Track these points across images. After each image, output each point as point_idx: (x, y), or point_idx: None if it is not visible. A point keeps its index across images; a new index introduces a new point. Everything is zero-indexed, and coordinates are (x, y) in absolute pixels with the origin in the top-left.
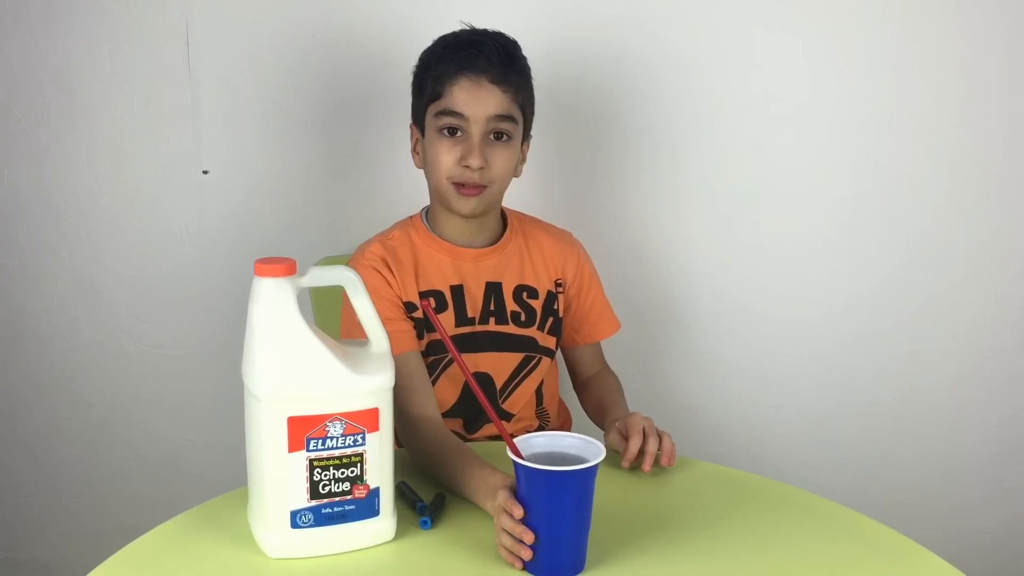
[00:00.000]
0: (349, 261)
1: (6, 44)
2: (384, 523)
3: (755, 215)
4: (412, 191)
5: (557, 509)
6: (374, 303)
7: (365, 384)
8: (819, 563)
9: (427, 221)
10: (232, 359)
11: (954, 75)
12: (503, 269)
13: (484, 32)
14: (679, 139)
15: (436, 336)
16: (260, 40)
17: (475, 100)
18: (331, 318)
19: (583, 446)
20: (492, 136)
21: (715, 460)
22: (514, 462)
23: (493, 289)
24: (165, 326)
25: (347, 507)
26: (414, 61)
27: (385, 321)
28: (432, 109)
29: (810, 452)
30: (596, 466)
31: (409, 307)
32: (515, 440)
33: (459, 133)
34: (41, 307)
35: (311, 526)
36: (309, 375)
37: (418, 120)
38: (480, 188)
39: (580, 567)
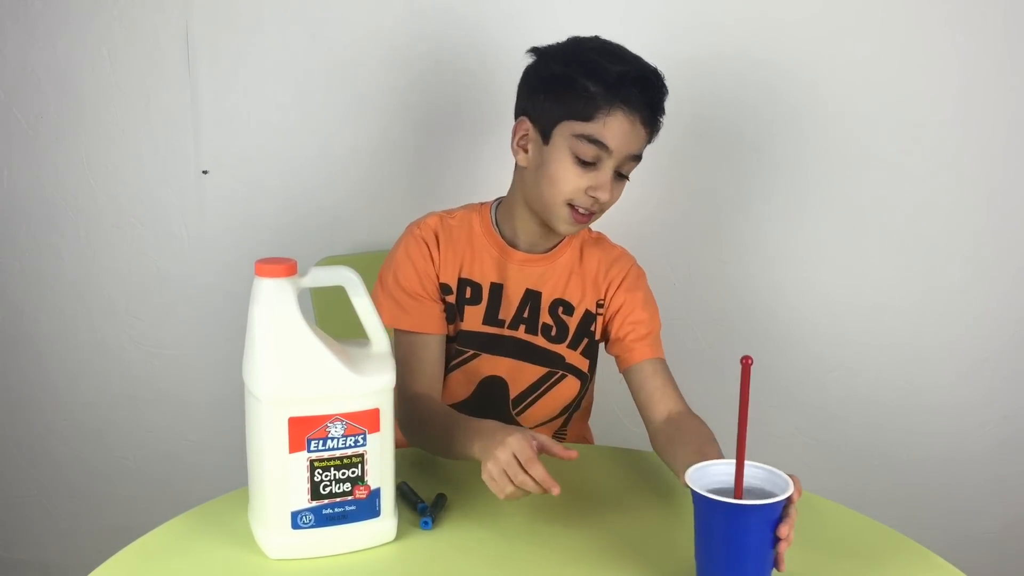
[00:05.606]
0: (406, 228)
1: (6, 44)
2: (385, 524)
3: (756, 215)
4: (412, 190)
5: (739, 545)
6: (409, 274)
7: (366, 385)
8: (819, 563)
9: (494, 213)
10: (232, 359)
11: (954, 75)
12: (546, 279)
13: (651, 68)
14: (679, 139)
15: (464, 327)
16: (260, 40)
17: (624, 138)
18: (331, 318)
19: (767, 478)
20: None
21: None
22: (693, 493)
23: (531, 297)
24: (165, 326)
25: (348, 508)
26: (414, 61)
27: (415, 297)
28: (573, 127)
29: (810, 452)
30: (784, 502)
31: (444, 289)
32: (690, 470)
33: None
34: (41, 307)
35: (312, 527)
36: (310, 376)
37: (540, 121)
38: (593, 215)
39: None
